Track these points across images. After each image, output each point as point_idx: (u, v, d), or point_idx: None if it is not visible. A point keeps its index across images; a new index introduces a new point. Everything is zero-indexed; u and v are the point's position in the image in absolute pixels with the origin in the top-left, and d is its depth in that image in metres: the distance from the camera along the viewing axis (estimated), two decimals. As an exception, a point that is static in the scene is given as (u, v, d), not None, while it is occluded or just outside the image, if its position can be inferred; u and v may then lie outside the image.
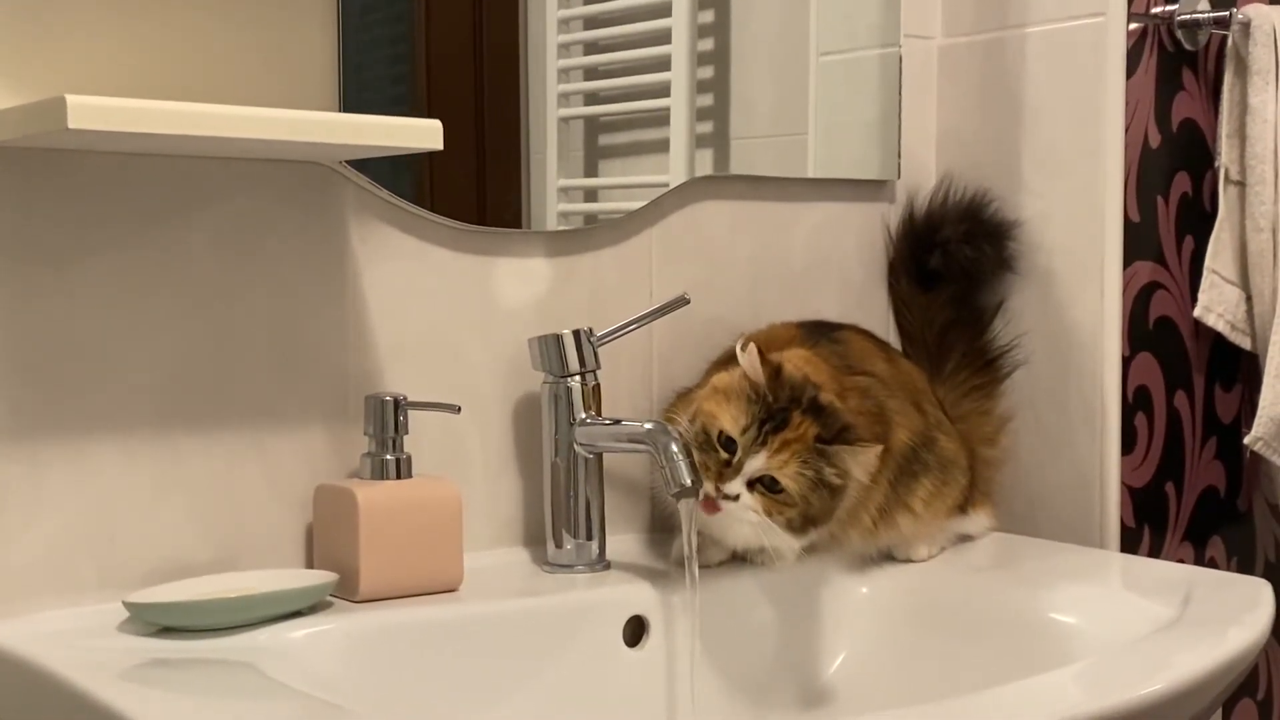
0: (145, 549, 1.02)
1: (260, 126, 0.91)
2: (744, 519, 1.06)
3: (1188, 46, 1.34)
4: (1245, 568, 1.42)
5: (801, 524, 1.07)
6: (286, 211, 1.07)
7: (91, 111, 0.85)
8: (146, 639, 0.94)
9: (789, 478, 1.05)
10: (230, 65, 1.04)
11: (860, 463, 1.07)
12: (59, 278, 0.99)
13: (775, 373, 1.07)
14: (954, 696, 0.84)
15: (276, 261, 1.07)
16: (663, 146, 1.27)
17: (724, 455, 1.06)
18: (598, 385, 1.14)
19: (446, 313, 1.15)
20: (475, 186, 1.17)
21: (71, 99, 0.85)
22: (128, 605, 0.96)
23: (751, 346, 1.07)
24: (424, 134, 0.98)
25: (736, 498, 1.05)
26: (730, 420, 1.06)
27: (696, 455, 1.06)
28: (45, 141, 0.93)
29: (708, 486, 1.06)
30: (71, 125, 0.85)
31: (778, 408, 1.06)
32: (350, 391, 1.10)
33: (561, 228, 1.21)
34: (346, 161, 1.09)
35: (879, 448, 1.07)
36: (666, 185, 1.26)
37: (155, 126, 0.88)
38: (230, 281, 1.05)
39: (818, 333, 1.21)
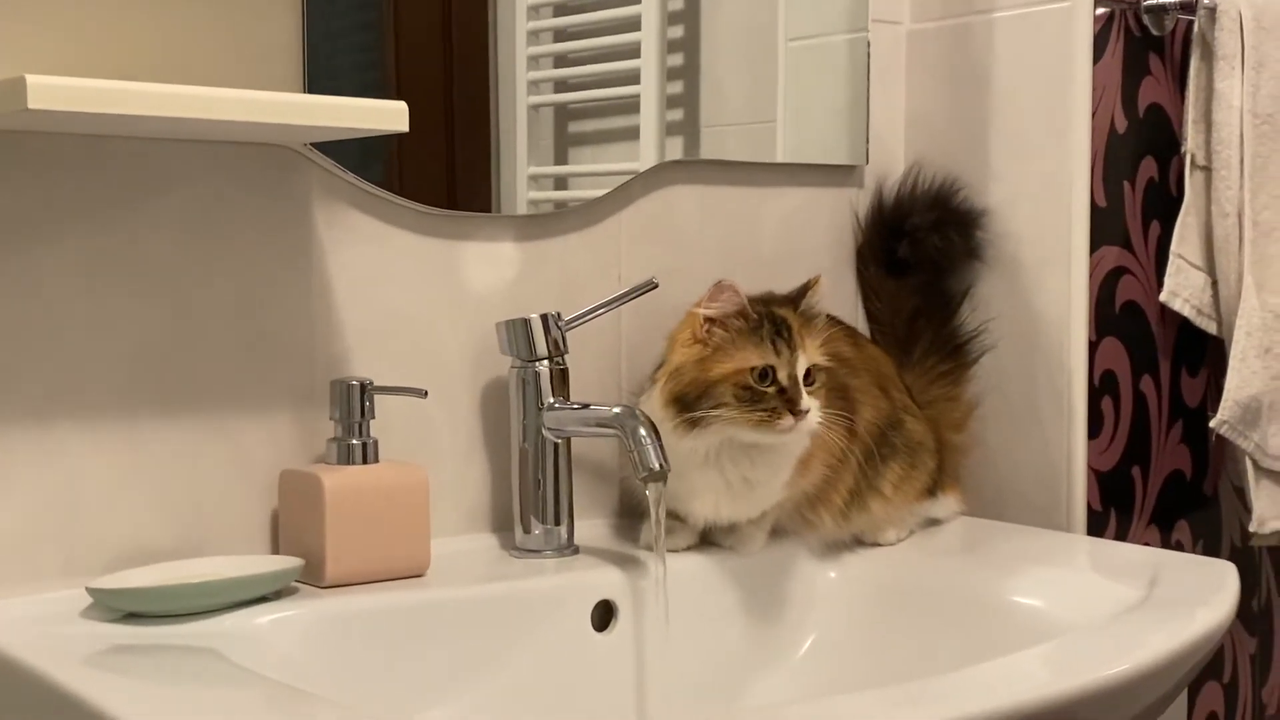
0: (109, 535, 1.01)
1: (221, 107, 0.91)
2: (812, 424, 1.07)
3: (1154, 32, 1.34)
4: (1211, 551, 1.43)
5: (823, 390, 1.10)
6: (251, 195, 1.07)
7: (51, 91, 0.84)
8: (110, 625, 0.93)
9: (820, 357, 1.09)
10: (195, 53, 1.03)
11: (821, 295, 1.12)
12: (20, 261, 0.98)
13: (739, 296, 1.08)
14: (922, 678, 0.84)
15: (241, 245, 1.06)
16: (633, 134, 1.26)
17: (770, 388, 1.06)
18: (566, 370, 1.13)
19: (414, 297, 1.14)
20: (445, 174, 1.17)
21: (31, 79, 0.84)
22: (91, 591, 0.95)
23: (715, 287, 1.08)
24: (389, 116, 0.98)
25: (808, 411, 1.06)
26: (756, 356, 1.07)
27: (743, 413, 1.06)
28: (5, 123, 0.92)
29: (785, 422, 1.05)
30: (31, 105, 0.84)
31: (769, 315, 1.08)
32: (316, 376, 1.10)
33: (530, 213, 1.20)
34: (312, 145, 1.09)
35: (818, 276, 1.13)
36: (637, 173, 1.26)
37: (115, 107, 0.87)
38: (195, 265, 1.04)
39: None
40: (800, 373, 1.07)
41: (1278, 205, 1.33)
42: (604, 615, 1.09)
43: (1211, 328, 1.35)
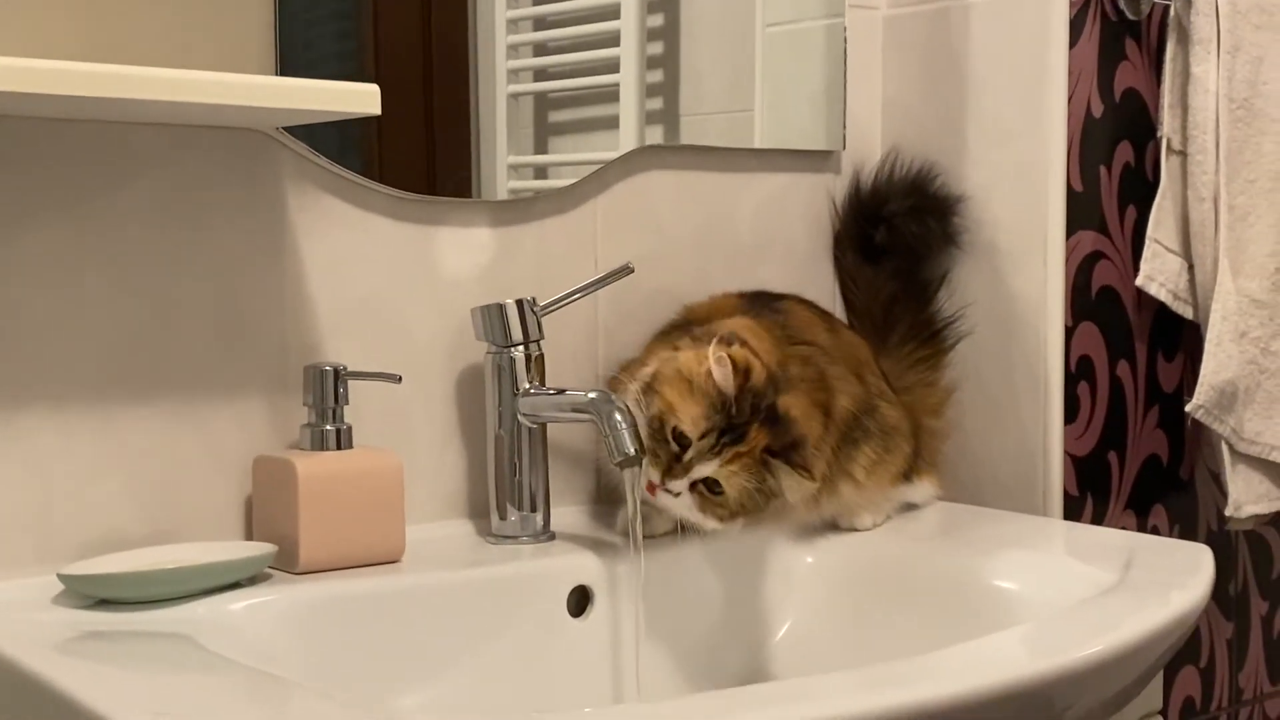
0: (82, 521, 1.01)
1: (189, 89, 0.90)
2: (677, 508, 1.07)
3: (1130, 16, 1.34)
4: (1187, 536, 1.43)
5: (729, 517, 1.07)
6: (223, 179, 1.06)
7: (11, 73, 0.84)
8: (82, 611, 0.93)
9: (732, 486, 1.05)
10: (163, 38, 1.02)
11: (794, 487, 1.06)
12: (-11, 246, 0.97)
13: (744, 382, 1.04)
14: (899, 660, 0.84)
15: (213, 230, 1.06)
16: (613, 123, 1.26)
17: (675, 449, 1.05)
18: (541, 355, 1.13)
19: (388, 282, 1.14)
20: (425, 164, 1.16)
21: (-6, 60, 0.83)
22: (63, 577, 0.94)
23: (725, 356, 1.04)
24: (360, 98, 0.97)
25: (678, 495, 1.05)
26: (690, 421, 1.05)
27: (646, 439, 1.05)
28: (-29, 106, 0.91)
29: (652, 475, 1.05)
30: (-7, 87, 0.83)
31: (739, 421, 1.04)
32: (290, 362, 1.09)
33: (506, 198, 1.20)
34: (285, 129, 1.08)
35: (815, 484, 1.06)
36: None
37: (79, 89, 0.86)
38: (166, 251, 1.04)
39: (759, 303, 1.21)
40: (698, 471, 1.04)
41: (1253, 190, 1.33)
42: (580, 601, 1.09)
43: (1188, 312, 1.36)
